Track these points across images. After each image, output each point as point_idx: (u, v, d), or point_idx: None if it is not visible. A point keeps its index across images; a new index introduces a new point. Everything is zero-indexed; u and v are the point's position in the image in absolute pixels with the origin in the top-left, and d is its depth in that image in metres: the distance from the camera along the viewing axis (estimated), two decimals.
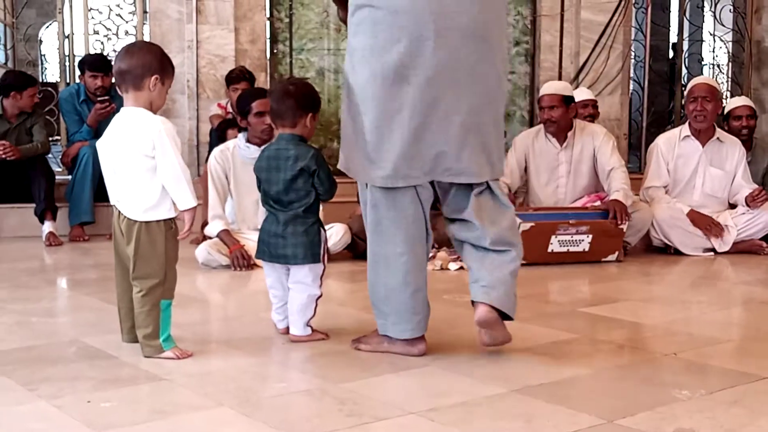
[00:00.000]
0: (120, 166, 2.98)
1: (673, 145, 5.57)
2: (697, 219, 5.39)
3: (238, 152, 4.95)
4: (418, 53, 2.91)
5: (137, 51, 3.03)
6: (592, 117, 6.24)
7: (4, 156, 5.81)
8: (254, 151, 4.86)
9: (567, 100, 5.39)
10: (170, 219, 2.98)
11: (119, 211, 3.01)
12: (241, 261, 4.75)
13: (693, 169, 5.49)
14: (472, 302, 3.03)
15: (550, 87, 5.55)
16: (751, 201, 5.44)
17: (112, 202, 3.04)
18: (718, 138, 5.57)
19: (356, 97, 3.01)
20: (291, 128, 3.22)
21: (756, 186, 5.54)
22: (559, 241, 4.98)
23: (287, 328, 3.31)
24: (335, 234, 5.00)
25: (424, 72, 2.91)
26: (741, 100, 6.21)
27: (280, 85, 3.24)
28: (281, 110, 3.22)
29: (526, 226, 4.91)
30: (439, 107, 2.96)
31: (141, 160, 2.92)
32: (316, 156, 3.19)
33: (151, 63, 2.96)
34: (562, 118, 5.38)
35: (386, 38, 2.92)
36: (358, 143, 3.02)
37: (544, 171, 5.50)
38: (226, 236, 4.86)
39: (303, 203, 3.19)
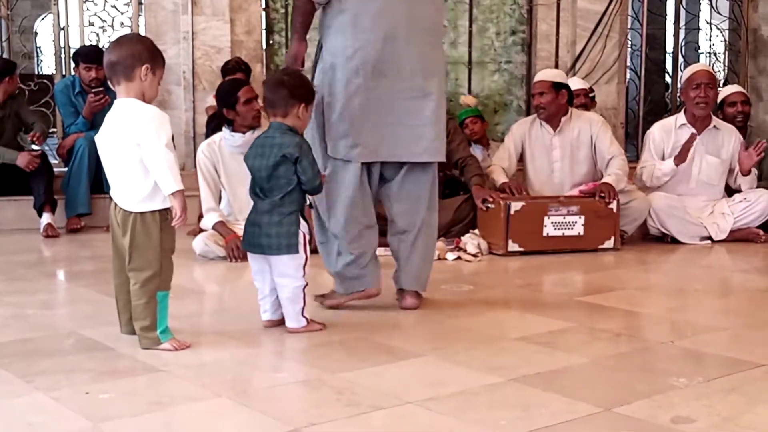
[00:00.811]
0: (114, 158, 2.97)
1: (669, 134, 5.57)
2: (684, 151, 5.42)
3: (225, 143, 4.94)
4: (393, 50, 3.45)
5: (126, 42, 3.04)
6: (585, 107, 6.23)
7: (40, 145, 5.97)
8: (239, 139, 4.87)
9: (557, 87, 5.39)
10: (165, 210, 2.98)
11: (115, 203, 3.01)
12: (237, 252, 4.75)
13: (690, 158, 5.48)
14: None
15: (540, 74, 5.61)
16: (746, 158, 5.47)
17: (111, 194, 3.04)
18: (714, 126, 5.56)
19: (340, 88, 3.44)
20: (282, 117, 3.23)
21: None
22: (552, 223, 4.99)
23: (270, 321, 3.31)
24: None
25: (396, 66, 3.44)
26: (735, 87, 6.23)
27: (275, 75, 3.25)
28: (274, 99, 3.23)
29: (518, 205, 4.95)
30: (411, 96, 3.51)
31: (133, 151, 2.91)
32: (301, 145, 3.19)
33: (141, 53, 2.94)
34: (550, 105, 5.39)
35: (366, 39, 3.43)
36: (341, 127, 3.46)
37: (539, 156, 5.50)
38: (221, 227, 4.86)
39: (282, 192, 3.18)
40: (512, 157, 5.55)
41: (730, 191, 5.67)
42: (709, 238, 5.44)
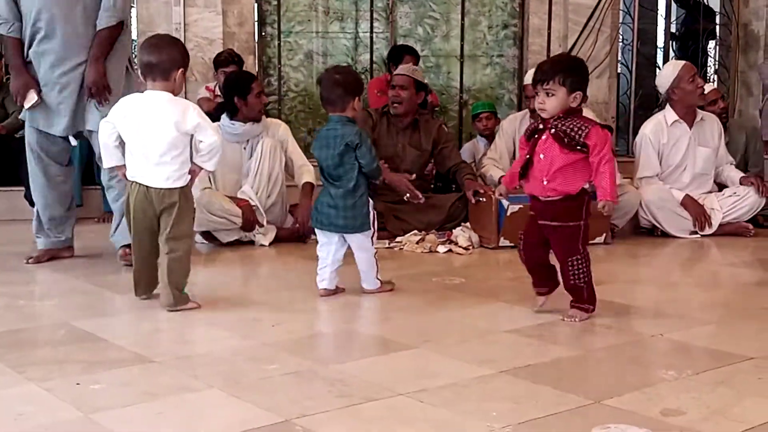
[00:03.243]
0: (159, 142, 3.36)
1: (662, 132, 5.56)
2: (689, 205, 5.42)
3: (222, 131, 4.95)
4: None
5: (165, 46, 3.45)
6: None
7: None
8: (239, 128, 4.92)
9: None
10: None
11: (147, 186, 3.38)
12: (250, 217, 4.91)
13: (684, 153, 5.52)
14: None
15: (530, 77, 5.56)
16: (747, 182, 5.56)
17: (139, 178, 3.41)
18: (702, 118, 5.61)
19: None
20: (341, 112, 3.65)
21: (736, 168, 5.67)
22: None
23: (325, 290, 3.67)
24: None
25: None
26: (708, 85, 6.30)
27: (328, 74, 3.71)
28: (331, 98, 3.65)
29: (515, 208, 4.92)
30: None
31: (181, 137, 3.37)
32: (360, 133, 3.62)
33: (176, 58, 3.41)
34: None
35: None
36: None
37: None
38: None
39: (350, 177, 3.59)
40: (504, 156, 5.53)
41: (720, 185, 5.72)
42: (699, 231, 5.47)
